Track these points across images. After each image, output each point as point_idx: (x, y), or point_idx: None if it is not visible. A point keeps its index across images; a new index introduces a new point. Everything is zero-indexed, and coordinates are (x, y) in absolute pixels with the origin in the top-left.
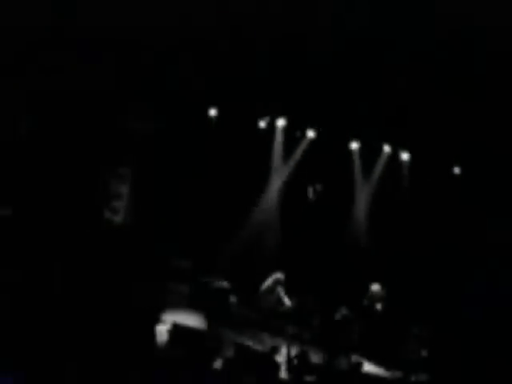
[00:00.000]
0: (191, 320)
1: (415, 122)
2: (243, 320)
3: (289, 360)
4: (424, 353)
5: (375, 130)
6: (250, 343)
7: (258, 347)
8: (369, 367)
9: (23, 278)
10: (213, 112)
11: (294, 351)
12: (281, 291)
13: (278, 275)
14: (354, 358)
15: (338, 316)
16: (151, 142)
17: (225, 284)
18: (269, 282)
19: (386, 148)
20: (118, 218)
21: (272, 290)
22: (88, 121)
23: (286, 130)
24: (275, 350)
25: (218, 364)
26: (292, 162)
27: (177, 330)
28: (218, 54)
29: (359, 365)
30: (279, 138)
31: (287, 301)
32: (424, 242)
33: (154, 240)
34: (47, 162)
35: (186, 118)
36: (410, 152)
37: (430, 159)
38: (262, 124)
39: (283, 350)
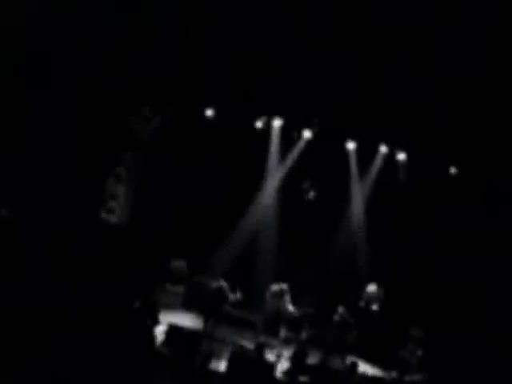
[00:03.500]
0: (187, 320)
1: (412, 122)
2: (239, 320)
3: (279, 359)
4: (419, 353)
5: (372, 130)
6: (245, 344)
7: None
8: (365, 367)
9: (19, 277)
10: (209, 112)
11: (287, 352)
12: (287, 299)
13: (284, 285)
14: (350, 358)
15: (336, 317)
16: (148, 142)
17: (222, 283)
18: (275, 288)
19: (383, 148)
20: (114, 218)
21: (277, 295)
22: (86, 121)
23: (283, 129)
24: (263, 347)
25: (214, 364)
26: (288, 162)
27: (173, 331)
28: (214, 55)
29: (354, 365)
30: (275, 137)
31: (291, 308)
32: (421, 242)
33: (150, 240)
34: (46, 162)
35: (183, 119)
36: (407, 152)
37: (426, 159)
38: (259, 124)
39: (276, 351)
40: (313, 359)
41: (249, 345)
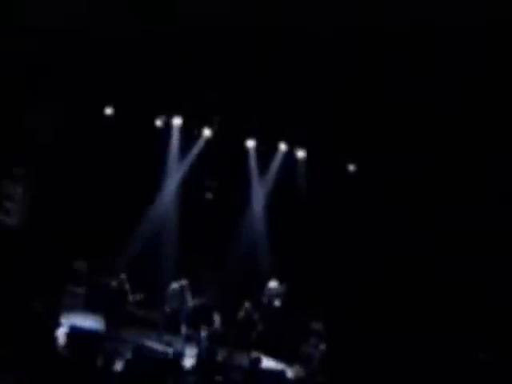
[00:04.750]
0: (89, 322)
1: (311, 120)
2: (142, 320)
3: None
4: (322, 347)
5: (271, 128)
6: (150, 344)
7: (159, 347)
8: (268, 363)
9: None
10: (109, 111)
11: (190, 350)
12: (187, 294)
13: (184, 282)
14: (254, 354)
15: (241, 313)
16: (47, 141)
17: (123, 283)
18: (175, 285)
19: (282, 146)
20: (11, 220)
21: (178, 292)
22: None
23: (183, 128)
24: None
25: (117, 366)
26: (188, 161)
27: (74, 333)
28: (113, 52)
29: (257, 360)
30: (175, 136)
31: (190, 301)
32: (320, 238)
33: (50, 241)
34: None
35: (82, 117)
36: (306, 150)
37: (325, 157)
38: (159, 122)
39: (179, 348)
40: (217, 356)
41: (151, 344)
